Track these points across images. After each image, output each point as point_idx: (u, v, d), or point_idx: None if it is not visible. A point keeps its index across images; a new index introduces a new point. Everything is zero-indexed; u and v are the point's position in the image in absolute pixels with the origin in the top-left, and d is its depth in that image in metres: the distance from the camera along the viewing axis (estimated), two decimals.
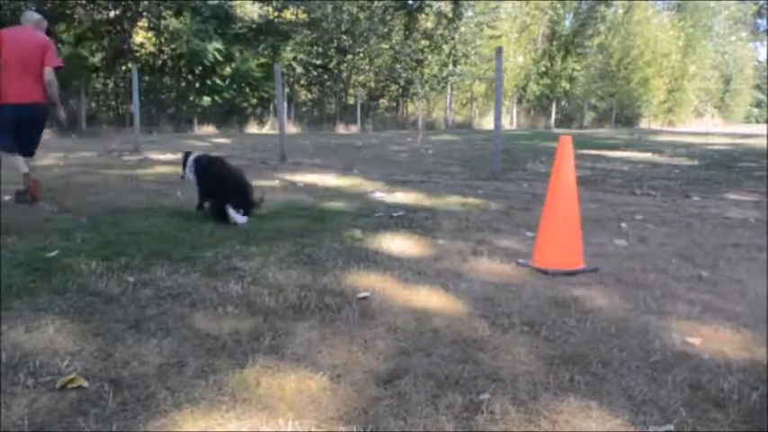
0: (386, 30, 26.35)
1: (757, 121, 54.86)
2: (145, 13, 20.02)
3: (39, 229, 4.01)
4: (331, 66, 25.50)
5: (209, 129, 19.35)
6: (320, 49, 24.95)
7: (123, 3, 18.85)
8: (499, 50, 7.87)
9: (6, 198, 5.34)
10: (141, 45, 20.33)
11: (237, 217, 4.32)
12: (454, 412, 1.81)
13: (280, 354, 2.17)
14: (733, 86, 55.14)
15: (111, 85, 20.58)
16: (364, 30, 25.16)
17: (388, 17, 26.63)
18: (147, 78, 18.24)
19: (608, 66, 36.74)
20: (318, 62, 25.01)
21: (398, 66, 26.66)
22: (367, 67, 27.23)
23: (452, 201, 5.68)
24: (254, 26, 22.32)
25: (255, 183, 6.50)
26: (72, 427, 1.69)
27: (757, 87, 59.95)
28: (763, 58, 60.78)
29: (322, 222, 4.47)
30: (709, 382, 2.03)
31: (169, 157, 9.66)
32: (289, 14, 24.02)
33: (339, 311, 2.60)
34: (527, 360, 2.18)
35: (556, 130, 26.79)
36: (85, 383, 1.91)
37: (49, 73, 5.01)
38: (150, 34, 20.63)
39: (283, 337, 2.32)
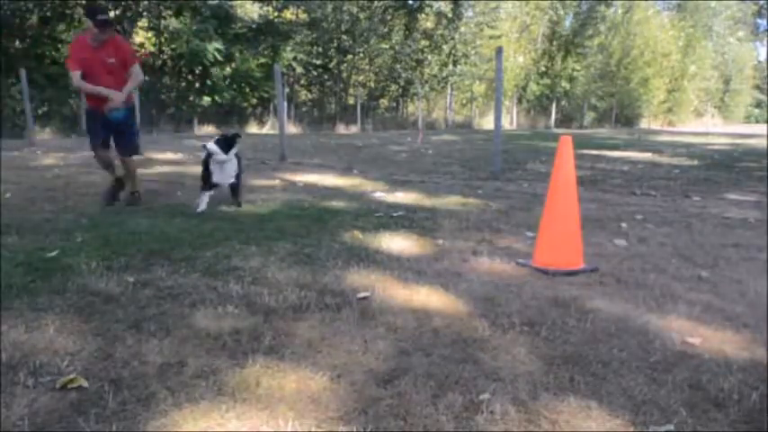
0: (386, 30, 26.34)
1: (757, 121, 54.88)
2: (145, 13, 20.01)
3: (39, 229, 4.01)
4: (331, 66, 25.49)
5: (210, 129, 19.34)
6: (320, 49, 24.94)
7: (123, 3, 18.84)
8: (499, 50, 7.88)
9: (8, 195, 5.35)
10: (141, 45, 20.32)
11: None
12: (454, 412, 1.81)
13: (280, 354, 2.17)
14: (733, 86, 55.19)
15: None
16: (364, 30, 25.15)
17: (388, 17, 26.63)
18: (147, 78, 18.19)
19: (608, 66, 36.76)
20: (318, 62, 24.99)
21: (398, 66, 26.64)
22: (367, 67, 27.22)
23: (452, 201, 5.68)
24: (254, 26, 22.30)
25: (255, 183, 6.52)
26: (72, 427, 1.69)
27: (757, 87, 60.02)
28: (763, 58, 60.98)
29: (322, 222, 4.47)
30: (709, 382, 2.03)
31: (169, 156, 9.67)
32: (289, 14, 24.01)
33: (339, 311, 2.60)
34: (527, 360, 2.18)
35: (556, 130, 26.80)
36: (85, 383, 1.91)
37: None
38: (150, 34, 20.62)
39: (283, 337, 2.32)
